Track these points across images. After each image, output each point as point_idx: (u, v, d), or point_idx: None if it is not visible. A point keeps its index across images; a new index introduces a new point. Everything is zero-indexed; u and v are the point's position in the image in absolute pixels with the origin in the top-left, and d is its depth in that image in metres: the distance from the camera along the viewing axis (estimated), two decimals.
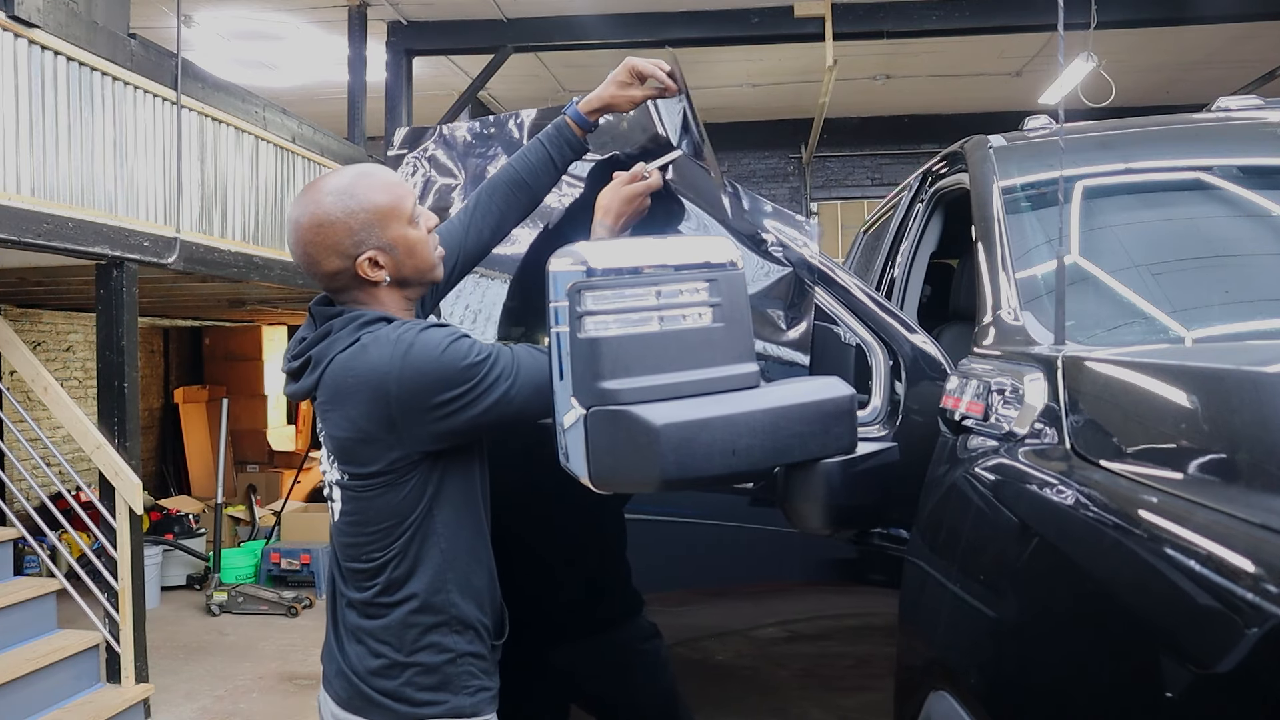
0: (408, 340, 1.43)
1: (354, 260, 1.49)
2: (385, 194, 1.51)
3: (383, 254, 1.50)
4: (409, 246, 1.53)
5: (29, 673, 4.01)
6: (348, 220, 1.48)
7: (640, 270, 1.32)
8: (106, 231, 4.35)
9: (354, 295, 1.54)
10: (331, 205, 1.49)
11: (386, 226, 1.50)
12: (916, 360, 1.80)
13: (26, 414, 5.27)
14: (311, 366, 1.51)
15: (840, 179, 12.26)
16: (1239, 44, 9.03)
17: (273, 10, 7.89)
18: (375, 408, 1.43)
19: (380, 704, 1.50)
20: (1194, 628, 0.86)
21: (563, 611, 2.00)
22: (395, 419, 1.43)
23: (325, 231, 1.49)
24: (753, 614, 2.00)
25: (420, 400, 1.42)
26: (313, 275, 1.53)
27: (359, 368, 1.44)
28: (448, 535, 1.52)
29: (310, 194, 1.52)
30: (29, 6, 3.90)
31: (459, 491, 1.54)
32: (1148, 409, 1.18)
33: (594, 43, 8.23)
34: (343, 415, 1.47)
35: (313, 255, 1.50)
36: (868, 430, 1.75)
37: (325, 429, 1.52)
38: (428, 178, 2.19)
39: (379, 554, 1.50)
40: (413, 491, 1.48)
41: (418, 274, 1.56)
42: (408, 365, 1.42)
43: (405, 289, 1.56)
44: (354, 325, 1.48)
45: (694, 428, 1.27)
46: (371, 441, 1.45)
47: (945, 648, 1.39)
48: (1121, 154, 2.15)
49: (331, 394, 1.48)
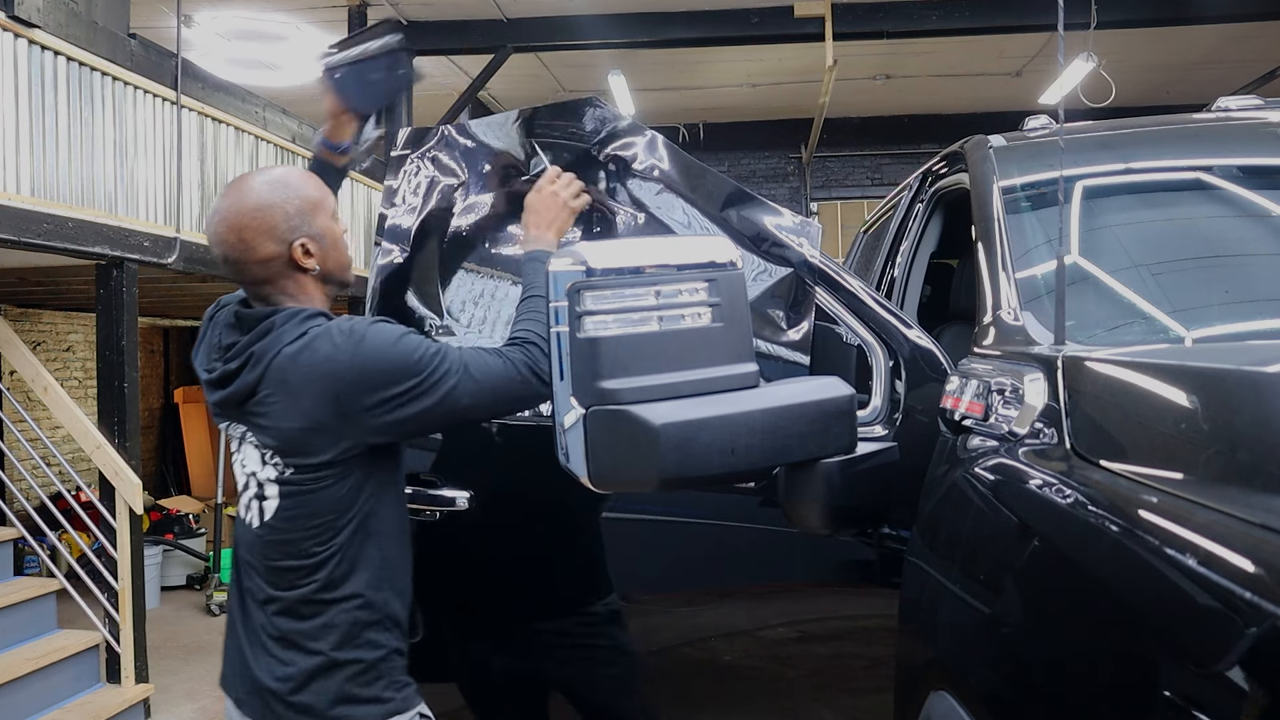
0: (360, 331, 1.47)
1: (289, 245, 1.52)
2: (314, 187, 1.58)
3: (314, 242, 1.54)
4: (334, 239, 1.58)
5: (29, 673, 4.00)
6: (284, 205, 1.53)
7: (640, 270, 1.33)
8: (106, 231, 4.35)
9: (282, 285, 1.55)
10: (266, 192, 1.53)
11: (316, 216, 1.56)
12: (916, 360, 1.80)
13: (26, 414, 5.27)
14: (252, 363, 1.51)
15: (840, 179, 12.26)
16: (1239, 44, 9.03)
17: (273, 10, 7.89)
18: (327, 396, 1.45)
19: (310, 708, 1.49)
20: (1194, 628, 0.86)
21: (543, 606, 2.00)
22: (346, 407, 1.45)
23: (263, 215, 1.51)
24: (757, 614, 2.00)
25: (372, 390, 1.45)
26: (240, 264, 1.53)
27: (311, 358, 1.46)
28: (384, 532, 1.54)
29: (242, 184, 1.57)
30: (29, 6, 3.90)
31: (392, 490, 1.57)
32: (1148, 409, 1.18)
33: (594, 43, 8.23)
34: (292, 406, 1.47)
35: (247, 240, 1.51)
36: (868, 430, 1.75)
37: (263, 424, 1.51)
38: (431, 178, 2.19)
39: (320, 549, 1.50)
40: (355, 486, 1.50)
41: (339, 269, 1.60)
42: (360, 355, 1.45)
43: (327, 285, 1.59)
44: (298, 319, 1.50)
45: (693, 427, 1.27)
46: (322, 431, 1.46)
47: (945, 648, 1.39)
48: (1121, 154, 2.15)
49: (277, 386, 1.48)
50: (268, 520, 1.54)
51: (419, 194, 2.19)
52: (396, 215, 2.19)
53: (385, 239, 2.17)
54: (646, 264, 1.34)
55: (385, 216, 2.20)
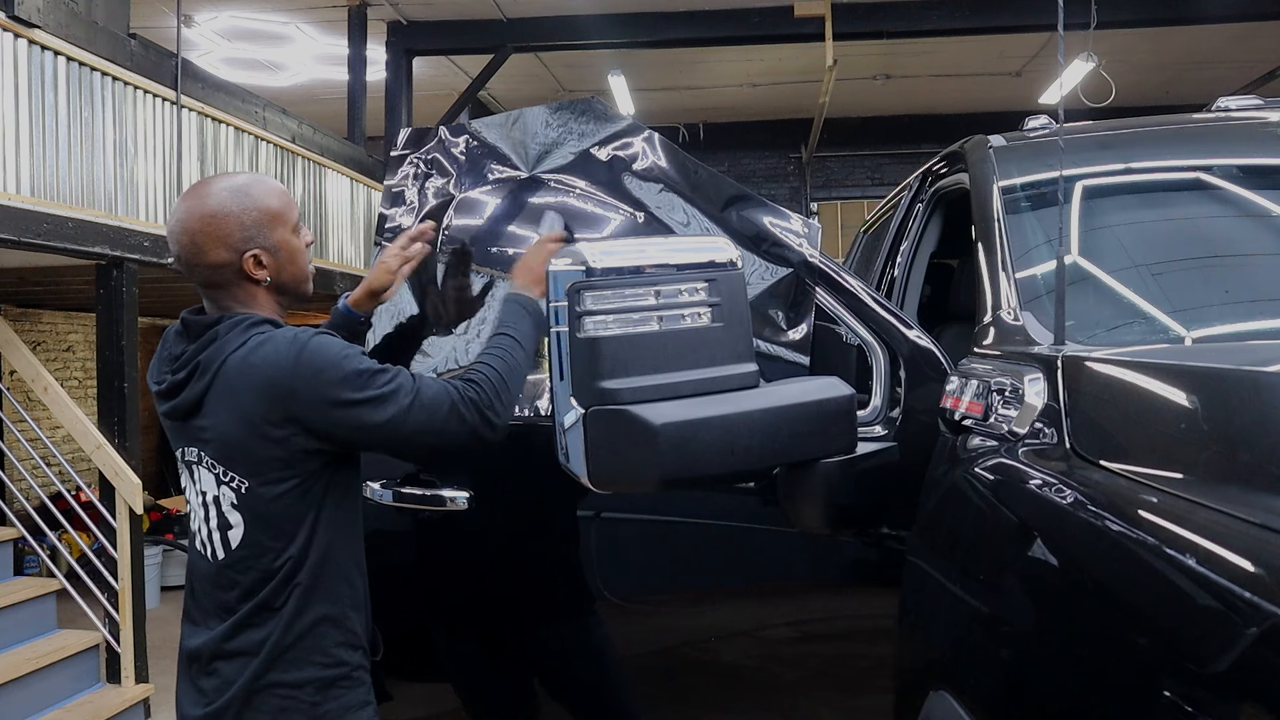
0: (303, 340, 1.45)
1: (240, 255, 1.51)
2: (277, 199, 1.56)
3: (267, 254, 1.53)
4: (291, 253, 1.56)
5: (29, 673, 4.00)
6: (240, 216, 1.51)
7: (640, 270, 1.33)
8: (106, 231, 4.35)
9: (232, 293, 1.54)
10: (226, 199, 1.52)
11: (274, 229, 1.54)
12: (916, 360, 1.80)
13: (26, 414, 5.26)
14: (199, 374, 1.49)
15: (840, 179, 12.26)
16: (1239, 44, 9.03)
17: (273, 10, 7.89)
18: (269, 398, 1.43)
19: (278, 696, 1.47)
20: (1194, 628, 0.86)
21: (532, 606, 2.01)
22: (288, 409, 1.43)
23: (217, 223, 1.50)
24: (756, 614, 2.00)
25: (315, 392, 1.43)
26: (192, 267, 1.52)
27: (255, 361, 1.45)
28: (343, 545, 1.52)
29: (204, 187, 1.55)
30: (29, 6, 3.90)
31: (349, 504, 1.55)
32: (1148, 409, 1.18)
33: (594, 43, 8.24)
34: (236, 410, 1.45)
35: (200, 245, 1.50)
36: (867, 430, 1.74)
37: (210, 436, 1.49)
38: (430, 178, 2.19)
39: (278, 564, 1.48)
40: (313, 498, 1.48)
41: (294, 282, 1.58)
42: (304, 359, 1.43)
43: (281, 295, 1.58)
44: (242, 327, 1.49)
45: (693, 427, 1.27)
46: (268, 437, 1.45)
47: (945, 648, 1.39)
48: (1121, 154, 2.15)
49: (223, 392, 1.47)
50: (233, 548, 1.50)
51: (418, 194, 2.19)
52: (396, 215, 2.19)
53: (385, 239, 2.17)
54: (646, 264, 1.34)
55: (385, 216, 2.20)
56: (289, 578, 1.48)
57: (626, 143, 2.01)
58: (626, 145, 2.01)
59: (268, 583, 1.48)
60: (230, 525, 1.50)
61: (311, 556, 1.48)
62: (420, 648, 2.17)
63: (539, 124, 2.10)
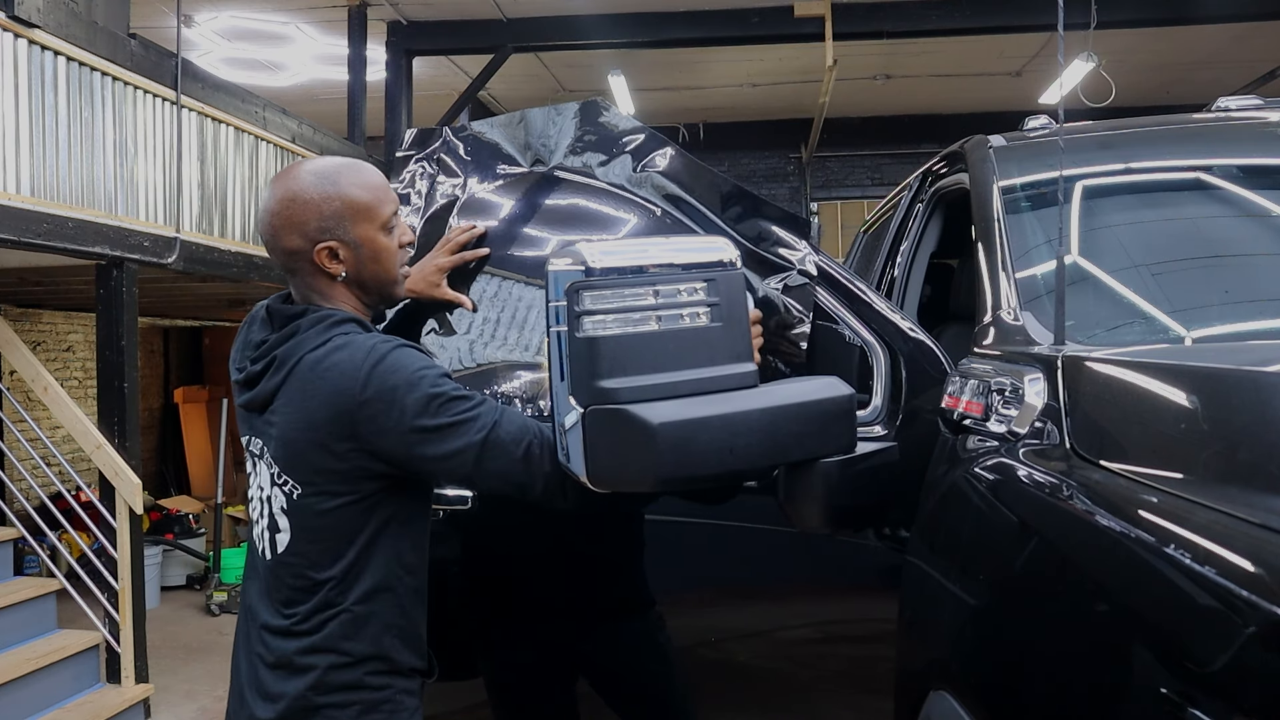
0: (381, 351, 1.38)
1: (313, 245, 1.44)
2: (366, 192, 1.48)
3: (345, 248, 1.46)
4: (375, 251, 1.49)
5: (29, 673, 4.00)
6: (320, 205, 1.44)
7: (639, 270, 1.32)
8: (106, 231, 4.35)
9: (308, 281, 1.48)
10: (309, 185, 1.46)
11: (356, 223, 1.46)
12: (916, 360, 1.79)
13: (26, 414, 5.27)
14: (275, 368, 1.43)
15: (840, 179, 12.26)
16: (1239, 44, 9.03)
17: (273, 10, 7.89)
18: (337, 409, 1.36)
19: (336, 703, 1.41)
20: (1194, 627, 0.86)
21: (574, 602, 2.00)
22: (355, 424, 1.36)
23: (295, 207, 1.44)
24: (755, 614, 2.00)
25: (382, 411, 1.35)
26: (272, 250, 1.48)
27: (328, 365, 1.38)
28: (395, 574, 1.44)
29: (296, 167, 1.49)
30: (29, 6, 3.90)
31: (412, 532, 1.47)
32: (1148, 409, 1.17)
33: (594, 43, 8.23)
34: (302, 414, 1.39)
35: (277, 228, 1.45)
36: (867, 430, 1.74)
37: (274, 434, 1.43)
38: (434, 179, 2.19)
39: (320, 576, 1.41)
40: (365, 517, 1.41)
41: (377, 282, 1.51)
42: (377, 373, 1.36)
43: (363, 292, 1.51)
44: (324, 325, 1.43)
45: (692, 427, 1.27)
46: (325, 448, 1.38)
47: (945, 648, 1.39)
48: (1121, 154, 2.15)
49: (294, 392, 1.41)
50: (279, 552, 1.45)
51: (422, 195, 2.19)
52: (400, 216, 2.19)
53: None
54: (645, 264, 1.33)
55: None
56: (332, 600, 1.41)
57: (628, 142, 2.01)
58: (629, 145, 2.01)
59: (311, 596, 1.41)
60: (279, 529, 1.45)
61: (360, 582, 1.41)
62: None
63: (544, 124, 2.10)
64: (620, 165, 1.99)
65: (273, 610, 1.46)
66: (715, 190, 1.95)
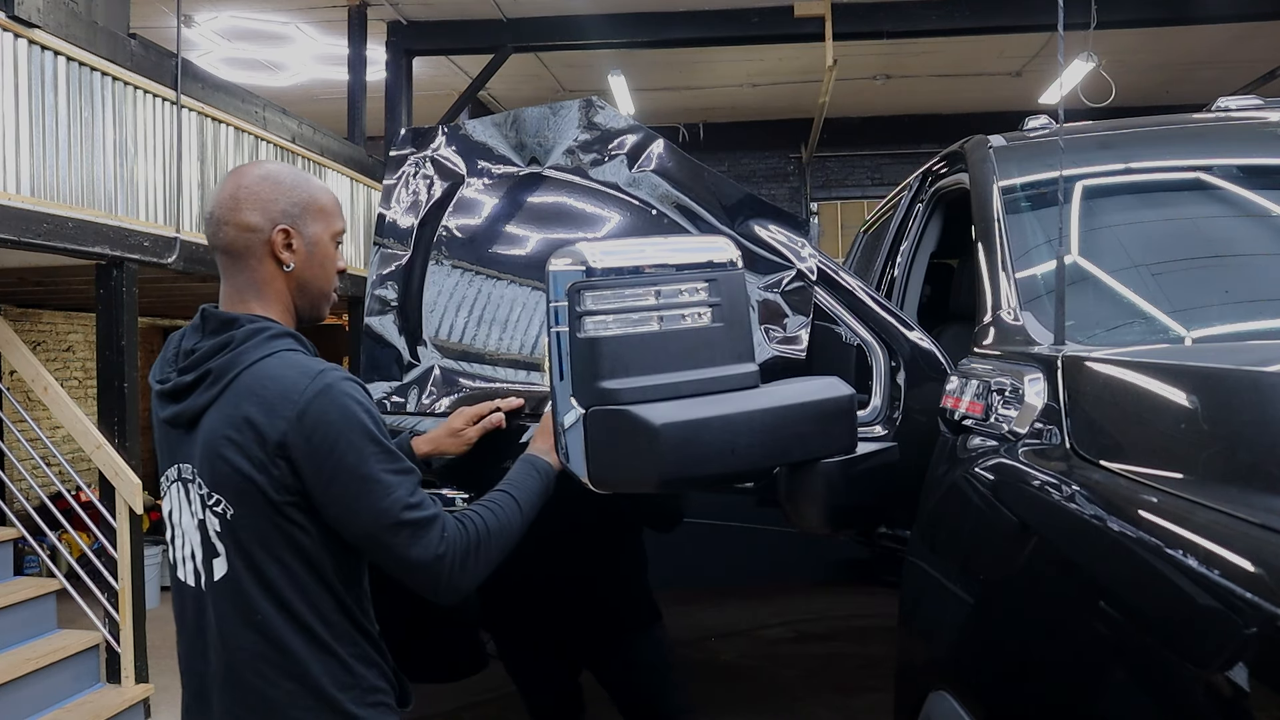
0: (328, 379, 1.35)
1: (273, 226, 1.44)
2: (329, 200, 1.53)
3: (299, 240, 1.47)
4: (322, 255, 1.50)
5: (29, 673, 4.00)
6: (290, 191, 1.47)
7: (640, 270, 1.33)
8: (106, 231, 4.35)
9: (252, 268, 1.45)
10: (284, 172, 1.50)
11: (315, 221, 1.49)
12: (916, 360, 1.79)
13: (26, 414, 5.26)
14: (210, 381, 1.39)
15: (840, 179, 12.26)
16: (1239, 44, 9.03)
17: (272, 10, 7.89)
18: (274, 421, 1.33)
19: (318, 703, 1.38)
20: (1194, 627, 0.86)
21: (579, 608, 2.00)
22: (289, 440, 1.33)
23: (266, 186, 1.46)
24: (755, 614, 2.00)
25: (319, 433, 1.33)
26: (222, 222, 1.45)
27: (272, 377, 1.36)
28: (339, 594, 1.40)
29: (268, 162, 1.56)
30: (29, 6, 3.90)
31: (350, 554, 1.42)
32: (1148, 409, 1.18)
33: (594, 43, 8.24)
34: (236, 425, 1.35)
35: (241, 200, 1.44)
36: (868, 430, 1.75)
37: (205, 451, 1.38)
38: (429, 178, 2.19)
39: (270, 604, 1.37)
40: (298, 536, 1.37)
41: (316, 286, 1.51)
42: (323, 397, 1.34)
43: (299, 295, 1.49)
44: (264, 337, 1.40)
45: (694, 427, 1.27)
46: (255, 463, 1.34)
47: (945, 647, 1.39)
48: (1121, 154, 2.15)
49: (229, 406, 1.37)
50: (218, 579, 1.39)
51: (417, 194, 2.19)
52: (395, 215, 2.19)
53: (384, 238, 2.17)
54: (646, 264, 1.34)
55: (384, 216, 2.20)
56: (272, 624, 1.36)
57: (624, 141, 2.01)
58: (625, 144, 2.01)
59: (251, 624, 1.37)
60: (217, 553, 1.39)
61: (299, 606, 1.37)
62: (421, 648, 2.17)
63: (539, 124, 2.10)
64: (616, 165, 1.99)
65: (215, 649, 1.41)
66: (713, 190, 1.95)
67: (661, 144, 1.98)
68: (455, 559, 1.38)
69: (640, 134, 2.00)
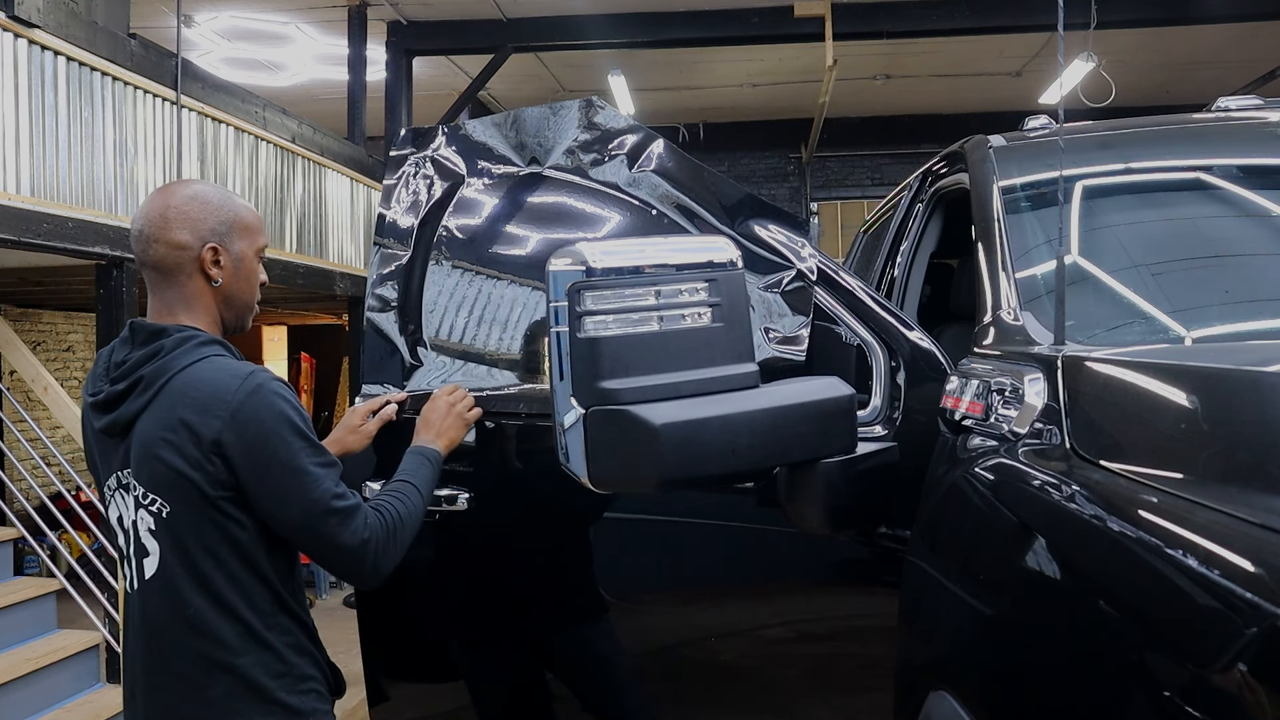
0: (258, 380, 1.43)
1: (202, 244, 1.51)
2: (252, 218, 1.59)
3: (226, 256, 1.53)
4: (248, 271, 1.58)
5: (29, 673, 4.00)
6: (218, 210, 1.54)
7: (640, 270, 1.33)
8: (106, 231, 4.35)
9: (182, 283, 1.51)
10: (211, 192, 1.56)
11: (240, 238, 1.56)
12: (916, 360, 1.79)
13: (26, 414, 5.27)
14: (141, 388, 1.45)
15: (840, 179, 12.26)
16: (1239, 44, 9.03)
17: (272, 10, 7.89)
18: (207, 420, 1.40)
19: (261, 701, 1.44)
20: (1194, 628, 0.86)
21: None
22: (223, 437, 1.40)
23: (194, 205, 1.52)
24: (755, 614, 2.00)
25: (251, 430, 1.40)
26: (150, 242, 1.50)
27: (203, 379, 1.43)
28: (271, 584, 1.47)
29: (190, 181, 1.63)
30: (29, 6, 3.90)
31: (279, 547, 1.50)
32: (1148, 409, 1.18)
33: (594, 43, 8.24)
34: (168, 427, 1.41)
35: (171, 219, 1.50)
36: (868, 430, 1.74)
37: (141, 454, 1.44)
38: (429, 178, 2.19)
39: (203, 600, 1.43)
40: (230, 529, 1.43)
41: (241, 299, 1.58)
42: (255, 396, 1.42)
43: (226, 308, 1.56)
44: (193, 344, 1.46)
45: (693, 427, 1.27)
46: (189, 459, 1.40)
47: (945, 648, 1.39)
48: (1121, 154, 2.15)
49: (162, 410, 1.43)
50: (148, 577, 1.46)
51: (417, 194, 2.19)
52: (395, 215, 2.19)
53: (384, 238, 2.17)
54: (646, 264, 1.34)
55: (384, 216, 2.20)
56: (204, 617, 1.42)
57: (624, 141, 2.01)
58: (625, 144, 2.01)
59: (183, 617, 1.42)
60: (147, 553, 1.46)
61: (233, 598, 1.43)
62: (417, 648, 2.17)
63: (539, 123, 2.10)
64: (616, 165, 1.99)
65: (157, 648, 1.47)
66: (713, 190, 1.95)
67: (661, 144, 1.98)
68: (378, 543, 1.48)
69: (640, 134, 2.00)
